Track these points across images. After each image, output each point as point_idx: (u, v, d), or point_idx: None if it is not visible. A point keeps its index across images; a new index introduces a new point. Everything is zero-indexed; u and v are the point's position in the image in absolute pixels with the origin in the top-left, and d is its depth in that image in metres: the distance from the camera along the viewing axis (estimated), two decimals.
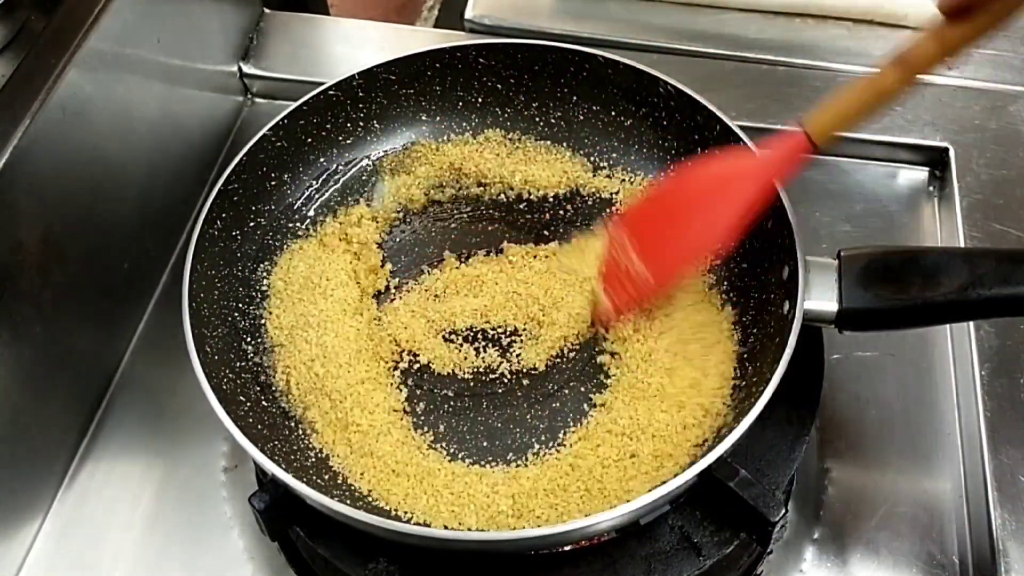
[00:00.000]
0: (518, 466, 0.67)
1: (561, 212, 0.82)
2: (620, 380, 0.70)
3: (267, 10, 1.04)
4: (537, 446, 0.68)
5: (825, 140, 0.63)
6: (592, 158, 0.84)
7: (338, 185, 0.83)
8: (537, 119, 0.85)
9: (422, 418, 0.70)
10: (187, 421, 0.78)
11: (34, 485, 0.73)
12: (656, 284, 0.69)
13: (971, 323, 0.77)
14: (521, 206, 0.82)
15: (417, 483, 0.65)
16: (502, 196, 0.83)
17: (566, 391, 0.71)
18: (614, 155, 0.83)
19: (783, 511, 0.60)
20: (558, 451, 0.67)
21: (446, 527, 0.62)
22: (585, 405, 0.70)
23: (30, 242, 0.69)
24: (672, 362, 0.69)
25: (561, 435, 0.68)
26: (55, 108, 0.69)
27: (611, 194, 0.82)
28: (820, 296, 0.64)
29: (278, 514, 0.62)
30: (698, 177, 0.68)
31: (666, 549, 0.62)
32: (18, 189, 0.67)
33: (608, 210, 0.81)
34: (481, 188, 0.83)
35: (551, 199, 0.82)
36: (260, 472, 0.70)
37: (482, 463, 0.67)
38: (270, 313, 0.74)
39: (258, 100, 1.01)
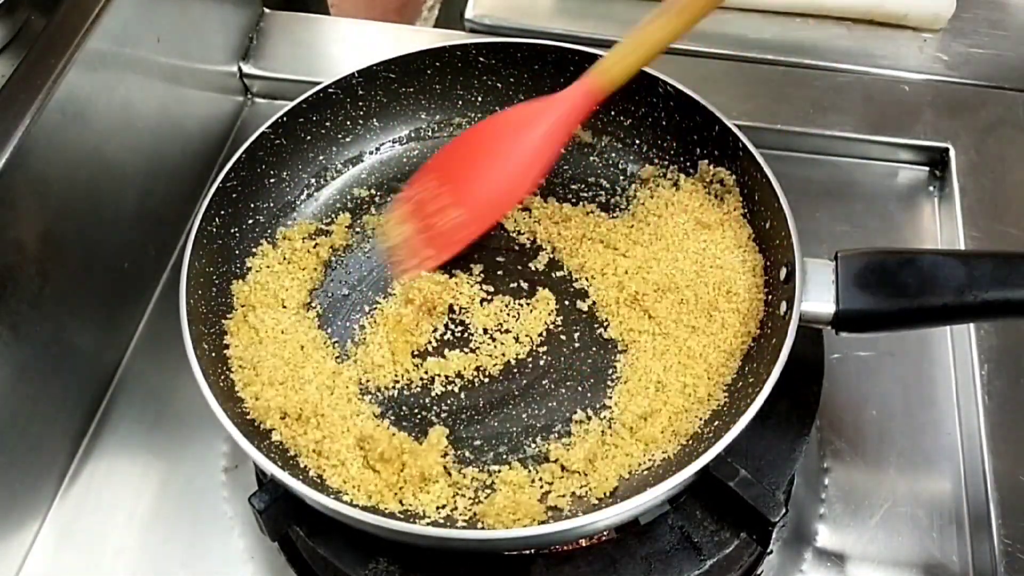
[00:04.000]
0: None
1: None
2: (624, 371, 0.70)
3: (267, 10, 1.04)
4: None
5: (609, 90, 0.70)
6: (591, 157, 0.84)
7: (337, 184, 0.83)
8: None
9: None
10: (187, 421, 0.78)
11: (34, 485, 0.73)
12: (469, 226, 0.73)
13: (971, 323, 0.78)
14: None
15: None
16: None
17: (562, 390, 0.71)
18: (613, 155, 0.83)
19: (783, 511, 0.60)
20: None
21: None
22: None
23: (30, 242, 0.69)
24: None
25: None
26: (55, 108, 0.69)
27: (608, 195, 0.82)
28: (817, 298, 0.64)
29: (278, 514, 0.62)
30: (496, 122, 0.75)
31: (666, 549, 0.62)
32: (18, 189, 0.67)
33: (606, 210, 0.81)
34: None
35: None
36: (260, 472, 0.70)
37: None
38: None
39: (258, 100, 1.01)
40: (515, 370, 0.71)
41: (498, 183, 0.73)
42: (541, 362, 0.72)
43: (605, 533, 0.63)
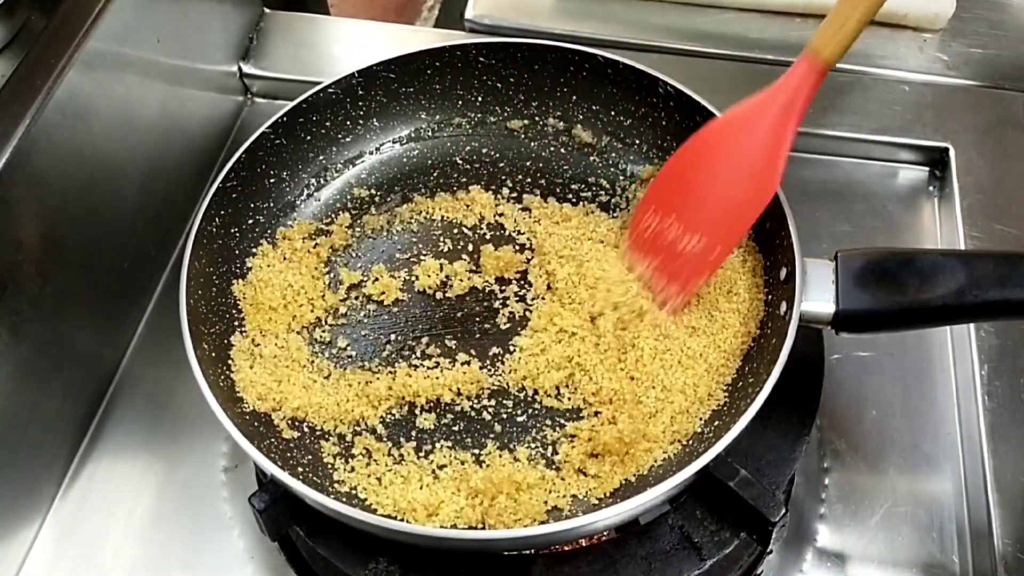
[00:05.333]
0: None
1: None
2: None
3: (267, 10, 1.04)
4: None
5: (835, 59, 0.64)
6: (591, 157, 0.84)
7: (337, 184, 0.83)
8: (536, 119, 0.85)
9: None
10: (187, 421, 0.78)
11: (34, 485, 0.73)
12: (715, 248, 0.67)
13: (971, 323, 0.78)
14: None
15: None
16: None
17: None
18: (613, 155, 0.83)
19: (783, 511, 0.60)
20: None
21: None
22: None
23: (30, 242, 0.69)
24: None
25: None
26: (55, 108, 0.69)
27: (608, 195, 0.82)
28: (817, 298, 0.64)
29: (278, 514, 0.62)
30: (718, 130, 0.68)
31: (666, 549, 0.62)
32: (18, 189, 0.67)
33: (606, 210, 0.81)
34: None
35: None
36: (260, 472, 0.70)
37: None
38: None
39: (258, 100, 1.01)
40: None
41: (735, 194, 0.67)
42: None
43: (605, 533, 0.63)
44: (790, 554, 0.71)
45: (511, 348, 0.72)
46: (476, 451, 0.67)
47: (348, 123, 0.83)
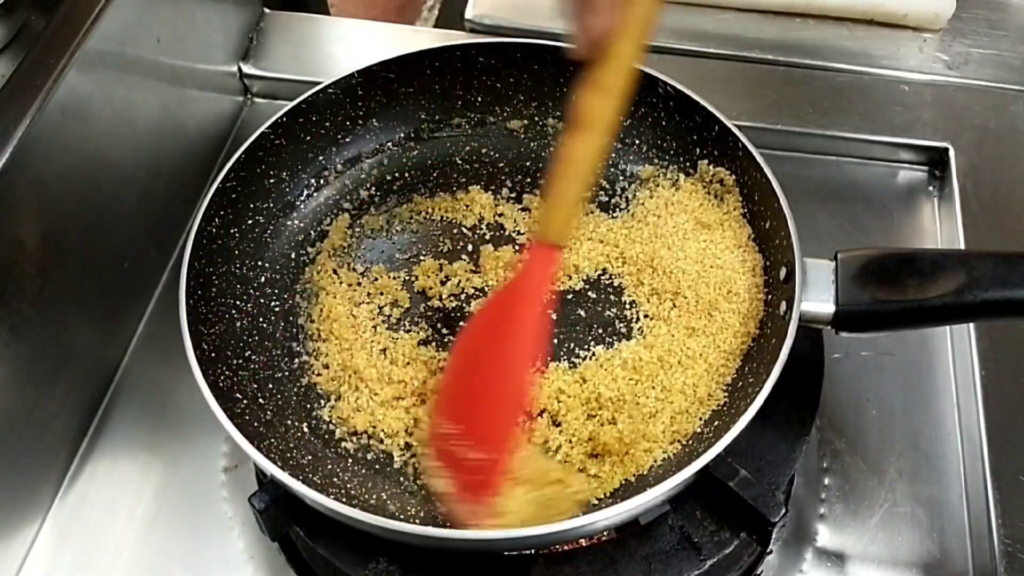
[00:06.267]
0: None
1: None
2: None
3: (267, 10, 1.04)
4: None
5: (564, 237, 0.64)
6: None
7: (337, 184, 0.83)
8: (536, 119, 0.85)
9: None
10: (187, 421, 0.78)
11: (34, 485, 0.73)
12: (496, 451, 0.61)
13: (971, 323, 0.77)
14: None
15: None
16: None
17: None
18: (612, 155, 0.83)
19: (783, 511, 0.60)
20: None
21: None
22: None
23: (30, 242, 0.69)
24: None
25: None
26: (55, 108, 0.69)
27: (608, 195, 0.82)
28: (817, 297, 0.64)
29: (278, 514, 0.62)
30: (473, 334, 0.67)
31: (666, 549, 0.62)
32: (18, 189, 0.67)
33: (606, 210, 0.81)
34: None
35: None
36: (260, 472, 0.70)
37: None
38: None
39: (258, 100, 1.01)
40: None
41: (498, 404, 0.64)
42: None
43: (605, 533, 0.63)
44: (790, 554, 0.71)
45: None
46: None
47: (348, 123, 0.83)
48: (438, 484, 0.63)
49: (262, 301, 0.75)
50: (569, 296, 0.76)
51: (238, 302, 0.74)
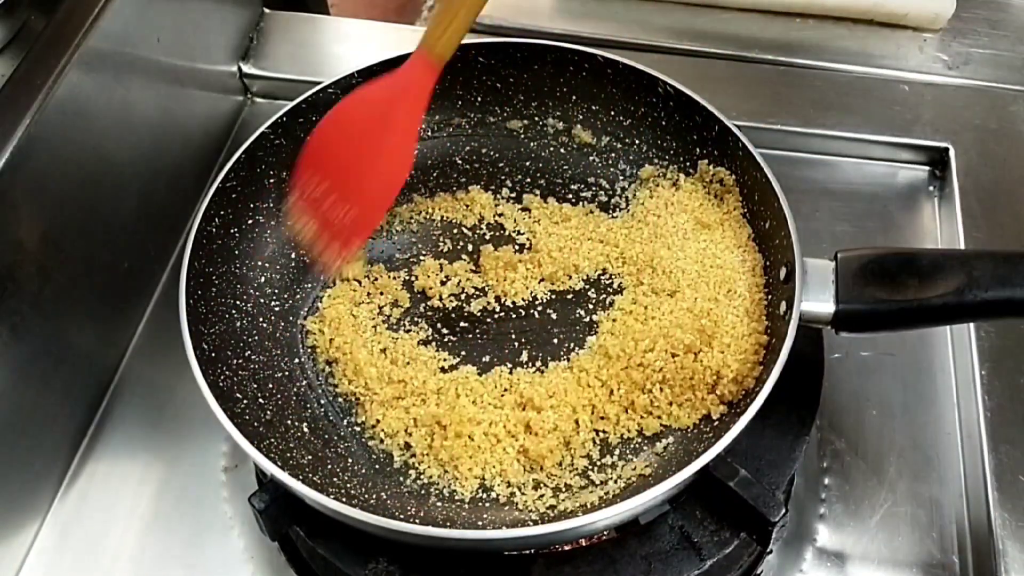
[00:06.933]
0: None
1: None
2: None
3: (267, 10, 1.04)
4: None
5: (447, 54, 0.69)
6: (591, 157, 0.84)
7: None
8: (536, 119, 0.85)
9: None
10: (187, 421, 0.78)
11: (34, 485, 0.73)
12: (364, 219, 0.71)
13: (971, 323, 0.77)
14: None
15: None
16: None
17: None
18: (613, 155, 0.83)
19: (783, 511, 0.60)
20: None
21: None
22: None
23: (30, 242, 0.69)
24: None
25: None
26: (55, 108, 0.69)
27: (608, 195, 0.82)
28: (817, 297, 0.64)
29: (278, 514, 0.62)
30: (354, 107, 0.73)
31: (666, 549, 0.62)
32: (18, 189, 0.67)
33: (606, 210, 0.81)
34: None
35: None
36: (260, 472, 0.70)
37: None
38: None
39: (258, 100, 1.01)
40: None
41: (376, 176, 0.71)
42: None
43: (605, 533, 0.63)
44: (790, 554, 0.71)
45: None
46: None
47: None
48: (301, 232, 0.70)
49: (262, 301, 0.75)
50: (569, 296, 0.76)
51: (238, 302, 0.74)
